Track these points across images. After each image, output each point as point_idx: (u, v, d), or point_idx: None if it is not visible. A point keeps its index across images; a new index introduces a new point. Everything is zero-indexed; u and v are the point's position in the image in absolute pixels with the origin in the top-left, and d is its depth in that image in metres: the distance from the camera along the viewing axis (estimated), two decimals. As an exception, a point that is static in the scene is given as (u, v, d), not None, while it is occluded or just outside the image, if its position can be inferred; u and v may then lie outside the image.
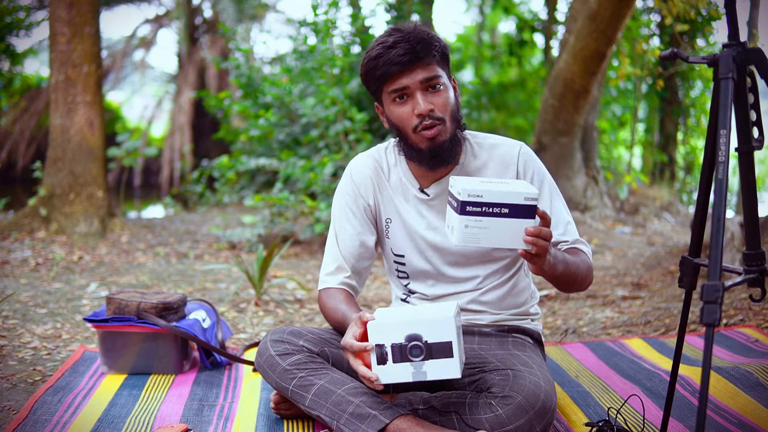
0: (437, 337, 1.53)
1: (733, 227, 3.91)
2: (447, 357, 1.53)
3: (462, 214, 1.49)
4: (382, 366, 1.55)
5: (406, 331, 1.53)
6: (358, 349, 1.55)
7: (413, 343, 1.53)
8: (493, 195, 1.48)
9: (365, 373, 1.55)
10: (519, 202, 1.49)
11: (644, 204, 7.80)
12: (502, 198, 1.48)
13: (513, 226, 1.50)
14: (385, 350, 1.54)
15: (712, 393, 1.98)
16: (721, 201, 1.30)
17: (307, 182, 5.08)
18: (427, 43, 1.72)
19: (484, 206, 1.48)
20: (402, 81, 1.72)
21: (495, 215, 1.49)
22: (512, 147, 1.87)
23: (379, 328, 1.54)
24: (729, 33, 1.43)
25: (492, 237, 1.50)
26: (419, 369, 1.54)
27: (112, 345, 2.27)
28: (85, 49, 5.29)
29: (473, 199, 1.48)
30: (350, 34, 6.42)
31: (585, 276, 1.77)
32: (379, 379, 1.55)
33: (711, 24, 7.80)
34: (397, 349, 1.54)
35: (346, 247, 1.91)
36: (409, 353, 1.54)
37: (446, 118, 1.75)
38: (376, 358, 1.55)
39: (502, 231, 1.50)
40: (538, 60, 12.93)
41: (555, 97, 6.25)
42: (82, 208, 5.29)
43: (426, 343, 1.53)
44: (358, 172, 1.93)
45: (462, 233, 1.50)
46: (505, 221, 1.49)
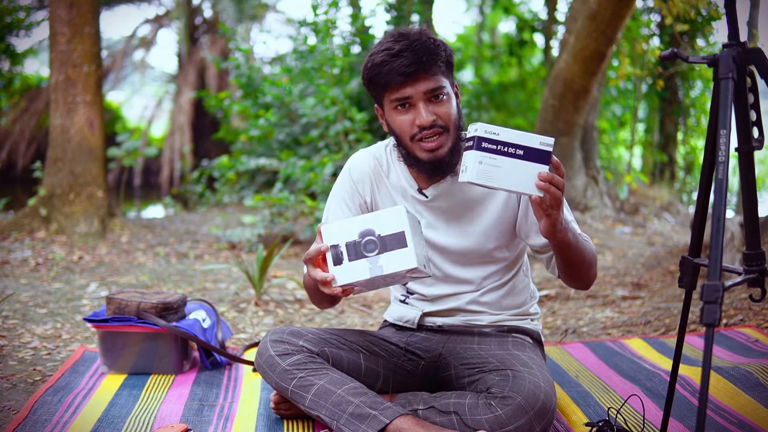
0: (390, 229, 1.54)
1: (733, 227, 3.91)
2: (401, 247, 1.53)
3: (478, 149, 1.50)
4: (339, 266, 1.55)
5: (358, 228, 1.55)
6: (314, 253, 1.56)
7: (367, 239, 1.54)
8: (509, 135, 1.50)
9: (322, 276, 1.54)
10: (534, 146, 1.51)
11: (644, 204, 7.80)
12: (518, 139, 1.51)
13: (527, 169, 1.51)
14: (339, 250, 1.55)
15: (712, 393, 1.98)
16: (721, 201, 1.30)
17: (307, 182, 5.08)
18: (433, 53, 1.70)
19: (499, 144, 1.50)
20: (405, 91, 1.71)
21: (510, 155, 1.50)
22: None
23: (332, 230, 1.55)
24: (729, 33, 1.43)
25: (505, 177, 1.51)
26: (375, 264, 1.54)
27: (112, 345, 2.27)
28: (85, 49, 5.29)
29: (489, 135, 1.50)
30: (350, 34, 6.42)
31: (591, 263, 1.75)
32: (335, 280, 1.55)
33: (711, 24, 7.80)
34: (352, 246, 1.54)
35: None
36: (364, 249, 1.54)
37: (449, 127, 1.74)
38: (332, 258, 1.55)
39: (515, 172, 1.50)
40: (538, 60, 12.93)
41: (555, 97, 6.25)
42: (82, 208, 5.29)
43: (379, 236, 1.54)
44: (357, 169, 1.92)
45: (475, 169, 1.50)
46: (519, 162, 1.50)
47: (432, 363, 1.92)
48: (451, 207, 1.85)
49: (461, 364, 1.85)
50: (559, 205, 1.53)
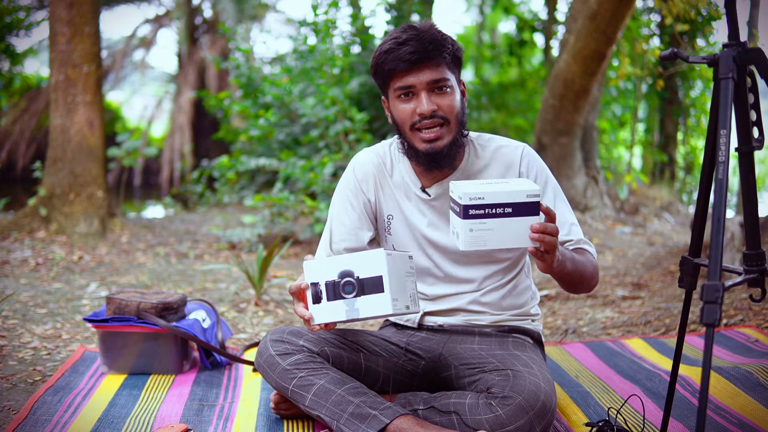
0: (369, 272, 1.53)
1: (733, 227, 3.91)
2: (378, 292, 1.52)
3: (466, 218, 1.47)
4: (318, 305, 1.56)
5: (339, 268, 1.54)
6: (295, 289, 1.57)
7: (345, 279, 1.54)
8: (494, 196, 1.47)
9: (301, 313, 1.56)
10: (522, 200, 1.48)
11: (644, 204, 7.79)
12: (505, 198, 1.47)
13: (518, 225, 1.48)
14: (319, 288, 1.55)
15: (712, 393, 1.98)
16: (721, 201, 1.30)
17: (307, 182, 5.08)
18: (438, 44, 1.71)
19: (486, 208, 1.47)
20: (409, 79, 1.73)
21: (499, 216, 1.48)
22: (515, 148, 1.87)
23: (314, 267, 1.56)
24: (729, 33, 1.43)
25: (498, 238, 1.49)
26: (352, 306, 1.54)
27: (112, 345, 2.27)
28: (85, 49, 5.29)
29: (475, 202, 1.47)
30: (350, 34, 6.42)
31: (591, 276, 1.76)
32: (314, 318, 1.56)
33: (711, 24, 7.79)
34: (331, 286, 1.55)
35: (341, 240, 1.91)
36: (342, 290, 1.54)
37: (450, 120, 1.75)
38: (311, 296, 1.56)
39: (507, 231, 1.48)
40: (538, 60, 12.92)
41: (555, 97, 6.24)
42: (82, 208, 5.29)
43: (358, 278, 1.53)
44: (361, 168, 1.93)
45: (468, 237, 1.48)
46: (509, 221, 1.48)
47: (432, 363, 1.92)
48: None
49: (461, 364, 1.85)
50: (555, 249, 1.52)
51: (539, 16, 11.38)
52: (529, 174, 1.84)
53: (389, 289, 1.52)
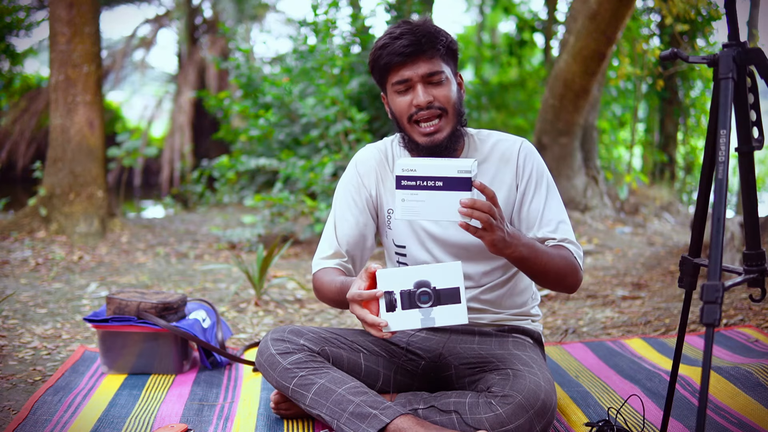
0: (445, 283, 1.55)
1: (733, 227, 3.91)
2: (455, 303, 1.55)
3: (398, 188, 1.54)
4: (391, 313, 1.57)
5: (414, 278, 1.56)
6: (367, 297, 1.55)
7: (422, 290, 1.56)
8: (426, 169, 1.53)
9: (373, 320, 1.54)
10: (452, 175, 1.52)
11: (644, 204, 7.80)
12: (435, 171, 1.53)
13: (449, 199, 1.53)
14: (394, 297, 1.56)
15: (712, 393, 1.98)
16: (721, 201, 1.30)
17: (307, 182, 5.08)
18: (432, 37, 1.74)
19: (418, 180, 1.53)
20: (404, 73, 1.75)
21: (430, 188, 1.53)
22: (514, 142, 1.88)
23: (387, 276, 1.57)
24: (729, 33, 1.43)
25: (429, 210, 1.54)
26: (428, 315, 1.56)
27: (112, 345, 2.27)
28: (85, 49, 5.29)
29: (407, 173, 1.53)
30: (350, 34, 6.42)
31: (564, 272, 1.72)
32: (388, 326, 1.56)
33: (711, 24, 7.79)
34: (406, 295, 1.56)
35: (344, 234, 1.91)
36: (418, 299, 1.56)
37: (448, 110, 1.76)
38: (385, 304, 1.56)
39: (438, 204, 1.54)
40: (538, 60, 12.93)
41: (555, 97, 6.25)
42: (82, 208, 5.29)
43: (434, 289, 1.55)
44: (363, 162, 1.95)
45: (400, 207, 1.55)
46: (440, 194, 1.53)
47: (432, 363, 1.92)
48: None
49: (462, 363, 1.85)
50: (492, 227, 1.52)
51: (539, 16, 11.38)
52: (525, 167, 1.84)
53: (465, 299, 1.56)
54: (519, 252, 1.61)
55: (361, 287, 1.57)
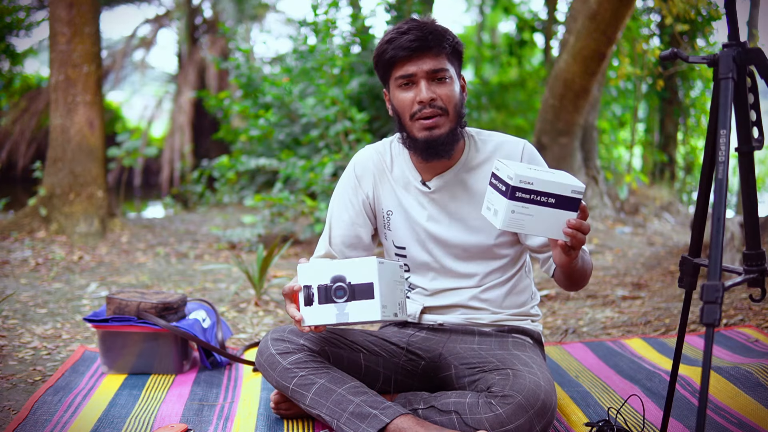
0: (360, 279, 1.57)
1: (733, 227, 3.91)
2: (369, 298, 1.56)
3: (511, 199, 1.50)
4: (309, 307, 1.59)
5: (331, 273, 1.58)
6: (288, 290, 1.61)
7: (337, 284, 1.58)
8: (543, 184, 1.50)
9: (292, 314, 1.60)
10: (566, 194, 1.52)
11: (644, 204, 7.80)
12: (552, 188, 1.51)
13: (556, 216, 1.52)
14: (311, 291, 1.59)
15: (712, 393, 1.98)
16: (721, 201, 1.30)
17: (307, 182, 5.08)
18: (439, 35, 1.74)
19: (533, 194, 1.51)
20: (409, 68, 1.75)
21: (542, 204, 1.51)
22: (516, 144, 1.88)
23: (307, 270, 1.59)
24: (729, 33, 1.43)
25: (535, 224, 1.53)
26: (342, 310, 1.58)
27: (112, 345, 2.27)
28: (85, 49, 5.29)
29: (524, 185, 1.50)
30: (350, 34, 6.42)
31: (589, 274, 1.80)
32: (304, 320, 1.59)
33: (711, 24, 7.79)
34: (323, 290, 1.58)
35: (339, 235, 1.92)
36: (334, 294, 1.58)
37: (449, 110, 1.76)
38: (303, 299, 1.59)
39: (545, 220, 1.52)
40: (538, 60, 12.93)
41: (555, 97, 6.24)
42: (82, 208, 5.29)
43: (349, 284, 1.57)
44: (361, 164, 1.95)
45: (507, 217, 1.51)
46: (549, 211, 1.52)
47: (432, 363, 1.92)
48: (453, 200, 1.86)
49: (461, 363, 1.85)
50: (581, 247, 1.57)
51: (539, 16, 11.39)
52: None
53: (379, 296, 1.56)
54: (578, 265, 1.67)
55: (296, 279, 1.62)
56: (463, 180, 1.85)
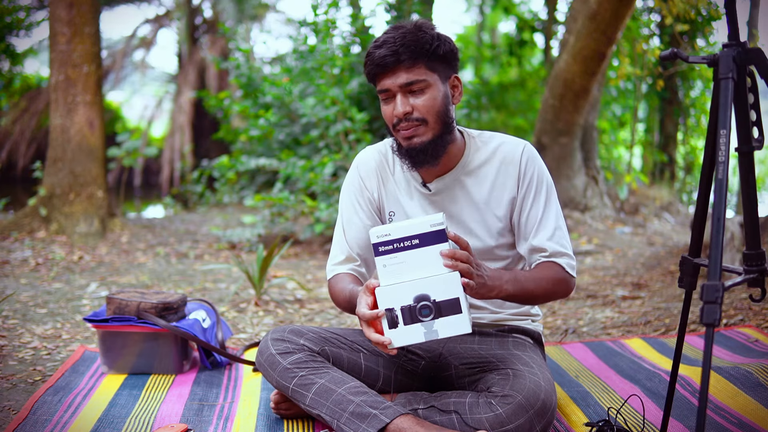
0: (445, 295, 1.55)
1: (733, 227, 3.91)
2: (456, 313, 1.56)
3: (377, 255, 1.56)
4: (394, 330, 1.57)
5: (413, 293, 1.56)
6: (369, 317, 1.56)
7: (422, 304, 1.56)
8: (399, 230, 1.55)
9: (378, 339, 1.56)
10: (426, 230, 1.55)
11: (644, 204, 7.80)
12: (409, 231, 1.55)
13: (428, 254, 1.55)
14: (395, 314, 1.57)
15: (712, 393, 1.98)
16: (721, 201, 1.30)
17: (307, 182, 5.08)
18: (413, 45, 1.70)
19: (394, 243, 1.55)
20: (385, 82, 1.74)
21: (407, 248, 1.55)
22: (516, 145, 1.86)
23: (387, 293, 1.57)
24: (729, 33, 1.43)
25: (412, 269, 1.56)
26: (430, 328, 1.56)
27: (112, 345, 2.27)
28: (85, 49, 5.29)
29: (382, 239, 1.55)
30: (350, 34, 6.41)
31: (552, 291, 1.76)
32: (392, 343, 1.57)
33: (711, 24, 7.80)
34: (407, 311, 1.56)
35: (354, 238, 1.91)
36: (419, 314, 1.56)
37: (428, 120, 1.74)
38: (387, 322, 1.57)
39: (419, 261, 1.55)
40: (538, 60, 12.93)
41: (555, 97, 6.25)
42: (82, 208, 5.29)
43: (434, 301, 1.56)
44: (364, 165, 1.94)
45: (383, 273, 1.56)
46: (420, 251, 1.55)
47: (432, 363, 1.92)
48: (454, 203, 1.86)
49: (462, 363, 1.85)
50: (471, 275, 1.55)
51: (539, 16, 11.39)
52: (527, 172, 1.83)
53: (466, 309, 1.56)
54: (505, 291, 1.65)
55: (368, 303, 1.59)
56: (464, 182, 1.85)
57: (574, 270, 1.81)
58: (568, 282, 1.78)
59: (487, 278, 1.60)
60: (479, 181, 1.85)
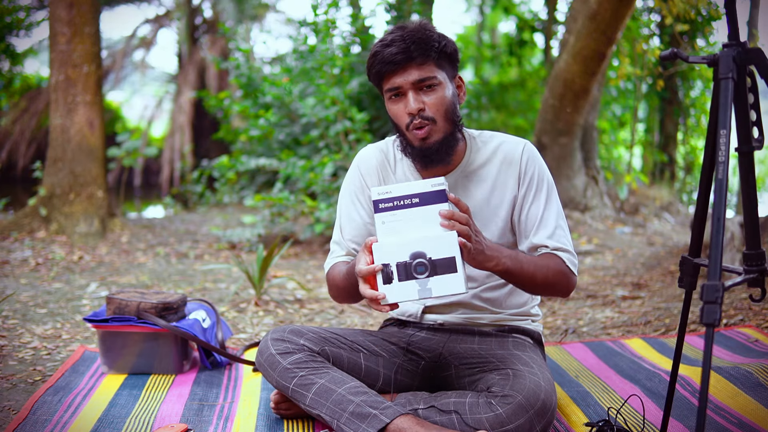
0: (441, 253, 1.55)
1: (733, 227, 3.91)
2: (451, 272, 1.55)
3: (377, 212, 1.57)
4: (388, 285, 1.57)
5: (410, 250, 1.56)
6: (366, 272, 1.57)
7: (418, 261, 1.56)
8: (401, 189, 1.57)
9: (371, 294, 1.56)
10: (427, 189, 1.56)
11: (644, 204, 7.80)
12: (411, 189, 1.57)
13: (427, 213, 1.57)
14: (390, 269, 1.57)
15: (712, 393, 1.98)
16: (721, 201, 1.30)
17: (307, 182, 5.08)
18: (423, 43, 1.71)
19: (394, 200, 1.57)
20: (395, 80, 1.73)
21: (407, 206, 1.57)
22: (516, 144, 1.86)
23: (383, 249, 1.57)
24: (729, 33, 1.43)
25: (410, 226, 1.57)
26: (424, 286, 1.56)
27: (112, 345, 2.27)
28: (85, 49, 5.29)
29: (383, 196, 1.57)
30: (350, 34, 6.41)
31: (553, 281, 1.75)
32: (386, 298, 1.57)
33: (711, 24, 7.80)
34: (402, 267, 1.56)
35: (353, 235, 1.91)
36: (414, 270, 1.56)
37: (438, 118, 1.74)
38: (381, 277, 1.57)
39: (418, 219, 1.57)
40: (538, 60, 12.93)
41: (555, 97, 6.25)
42: (82, 208, 5.29)
43: (430, 259, 1.56)
44: (365, 162, 1.94)
45: (381, 229, 1.58)
46: (418, 210, 1.57)
47: (432, 363, 1.92)
48: None
49: (462, 363, 1.85)
50: (470, 238, 1.56)
51: (539, 16, 11.39)
52: (527, 171, 1.84)
53: (462, 269, 1.55)
54: (503, 264, 1.64)
55: (366, 261, 1.59)
56: (465, 183, 1.85)
57: (576, 268, 1.80)
58: (568, 277, 1.77)
59: (485, 247, 1.60)
60: (480, 182, 1.85)
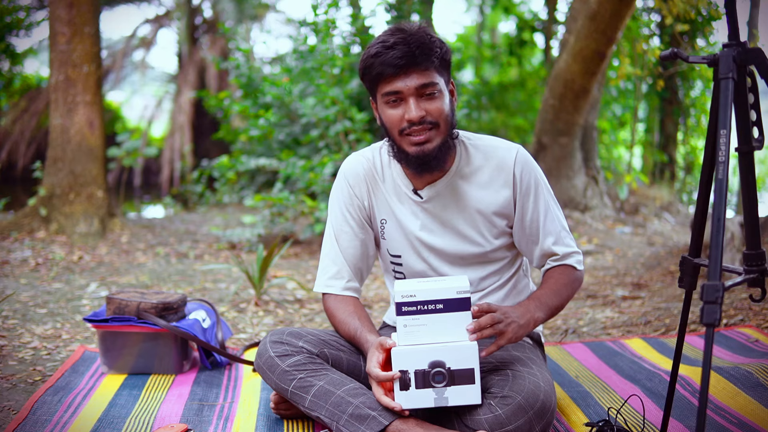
0: (460, 364, 1.56)
1: (733, 227, 3.91)
2: (469, 383, 1.57)
3: (399, 314, 1.56)
4: (405, 392, 1.58)
5: (429, 358, 1.56)
6: (384, 379, 1.58)
7: (436, 370, 1.57)
8: (426, 293, 1.55)
9: (387, 404, 1.59)
10: (452, 297, 1.56)
11: (644, 204, 7.79)
12: (435, 295, 1.55)
13: (452, 320, 1.57)
14: (408, 376, 1.57)
15: (712, 393, 1.98)
16: (721, 201, 1.30)
17: (307, 182, 5.08)
18: (426, 48, 1.68)
19: (418, 305, 1.56)
20: (396, 85, 1.70)
21: (431, 312, 1.56)
22: (508, 151, 1.84)
23: (402, 355, 1.57)
24: (729, 33, 1.43)
25: (433, 333, 1.57)
26: (441, 395, 1.57)
27: (112, 345, 2.27)
28: (85, 49, 5.29)
29: (407, 299, 1.55)
30: (350, 34, 6.41)
31: (571, 293, 1.84)
32: (401, 405, 1.58)
33: (711, 24, 7.79)
34: (420, 375, 1.57)
35: (346, 248, 1.90)
36: (432, 379, 1.57)
37: (440, 123, 1.73)
38: (399, 384, 1.57)
39: (441, 326, 1.57)
40: (538, 60, 12.93)
41: (555, 97, 6.25)
42: (82, 208, 5.29)
43: (449, 369, 1.56)
44: (352, 173, 1.91)
45: (403, 333, 1.57)
46: (442, 316, 1.57)
47: (432, 363, 1.92)
48: (446, 209, 1.84)
49: (461, 364, 1.85)
50: (503, 332, 1.60)
51: (539, 16, 11.39)
52: (522, 179, 1.82)
53: (479, 380, 1.57)
54: (538, 319, 1.71)
55: (379, 360, 1.61)
56: (455, 189, 1.83)
57: (582, 263, 1.88)
58: (580, 280, 1.88)
59: (518, 320, 1.64)
60: (472, 187, 1.83)
